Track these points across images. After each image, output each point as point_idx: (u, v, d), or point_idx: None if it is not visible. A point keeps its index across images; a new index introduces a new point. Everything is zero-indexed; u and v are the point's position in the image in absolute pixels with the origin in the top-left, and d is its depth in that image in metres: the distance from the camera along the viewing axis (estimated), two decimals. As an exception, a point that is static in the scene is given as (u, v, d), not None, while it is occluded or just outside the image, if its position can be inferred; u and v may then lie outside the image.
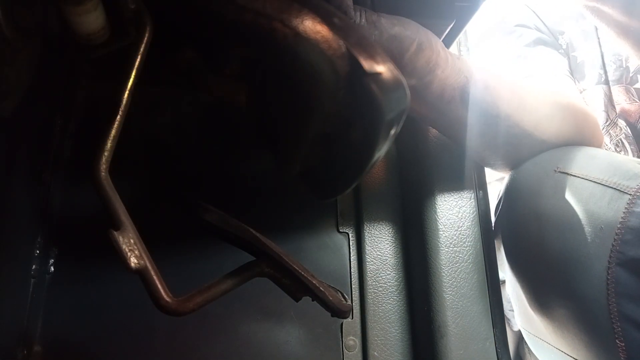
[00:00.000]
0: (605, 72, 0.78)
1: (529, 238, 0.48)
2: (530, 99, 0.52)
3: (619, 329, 0.41)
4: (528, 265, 0.50)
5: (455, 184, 0.56)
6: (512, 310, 0.77)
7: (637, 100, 0.76)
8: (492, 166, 0.58)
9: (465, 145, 0.54)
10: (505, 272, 0.56)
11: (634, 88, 0.76)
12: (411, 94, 0.41)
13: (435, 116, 0.49)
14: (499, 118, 0.49)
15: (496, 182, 0.94)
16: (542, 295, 0.48)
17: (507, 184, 0.54)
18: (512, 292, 0.56)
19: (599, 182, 0.44)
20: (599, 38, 0.79)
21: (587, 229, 0.43)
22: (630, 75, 0.76)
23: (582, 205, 0.44)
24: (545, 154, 0.52)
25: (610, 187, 0.43)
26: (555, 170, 0.48)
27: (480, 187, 0.57)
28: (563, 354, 0.49)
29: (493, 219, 0.58)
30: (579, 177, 0.46)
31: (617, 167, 0.45)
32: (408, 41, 0.40)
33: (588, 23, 0.80)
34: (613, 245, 0.41)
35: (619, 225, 0.41)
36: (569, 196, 0.46)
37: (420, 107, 0.47)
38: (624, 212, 0.41)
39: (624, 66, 0.77)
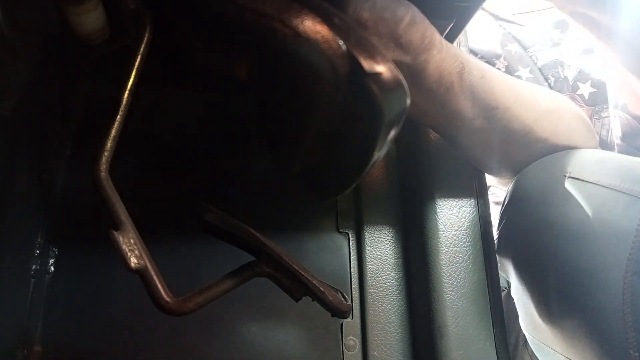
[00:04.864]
0: (550, 86, 0.80)
1: (540, 247, 0.48)
2: (525, 94, 0.51)
3: (633, 339, 0.40)
4: (538, 274, 0.49)
5: (455, 184, 0.56)
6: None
7: (584, 105, 0.78)
8: (489, 169, 0.57)
9: (463, 145, 0.53)
10: (510, 278, 0.55)
11: (577, 95, 0.78)
12: (408, 79, 0.41)
13: (432, 109, 0.48)
14: (498, 110, 0.48)
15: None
16: (552, 304, 0.47)
17: (512, 190, 0.54)
18: (518, 298, 0.55)
19: (611, 187, 0.44)
20: (530, 56, 0.81)
21: (603, 238, 0.42)
22: (571, 84, 0.79)
23: (596, 213, 0.44)
24: (549, 158, 0.51)
25: (623, 192, 0.43)
26: (565, 176, 0.48)
27: (480, 187, 0.57)
28: None
29: (495, 224, 0.57)
30: (590, 182, 0.45)
31: (626, 171, 0.44)
32: (402, 11, 0.40)
33: (517, 46, 0.82)
34: (630, 254, 0.40)
35: (635, 233, 0.40)
36: (582, 203, 0.45)
37: (417, 96, 0.46)
38: (639, 219, 0.41)
39: (563, 77, 0.80)
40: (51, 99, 0.52)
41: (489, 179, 0.62)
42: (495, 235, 0.57)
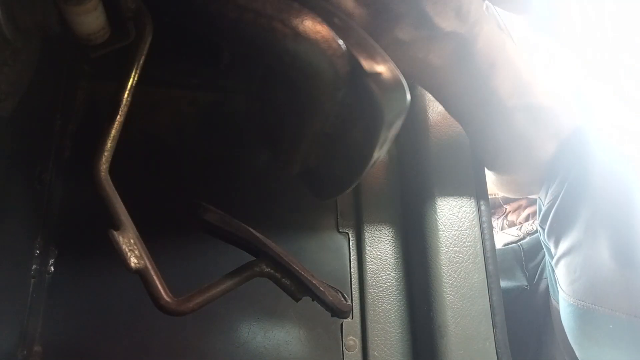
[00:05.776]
0: None
1: (622, 196, 0.49)
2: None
3: None
4: (620, 223, 0.50)
5: (455, 184, 0.56)
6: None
7: None
8: (509, 164, 0.57)
9: (491, 131, 0.53)
10: (563, 243, 0.54)
11: None
12: (458, 54, 0.42)
13: (474, 87, 0.48)
14: (530, 86, 0.50)
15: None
16: (634, 250, 0.48)
17: (562, 160, 0.54)
18: (571, 261, 0.54)
19: None
20: None
21: None
22: None
23: None
24: (587, 126, 0.53)
25: None
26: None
27: (480, 187, 0.57)
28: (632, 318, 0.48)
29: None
30: None
31: None
32: None
33: None
34: None
35: None
36: None
37: (462, 74, 0.46)
38: None
39: None
40: (51, 99, 0.52)
41: (490, 186, 0.62)
42: (543, 209, 0.56)
